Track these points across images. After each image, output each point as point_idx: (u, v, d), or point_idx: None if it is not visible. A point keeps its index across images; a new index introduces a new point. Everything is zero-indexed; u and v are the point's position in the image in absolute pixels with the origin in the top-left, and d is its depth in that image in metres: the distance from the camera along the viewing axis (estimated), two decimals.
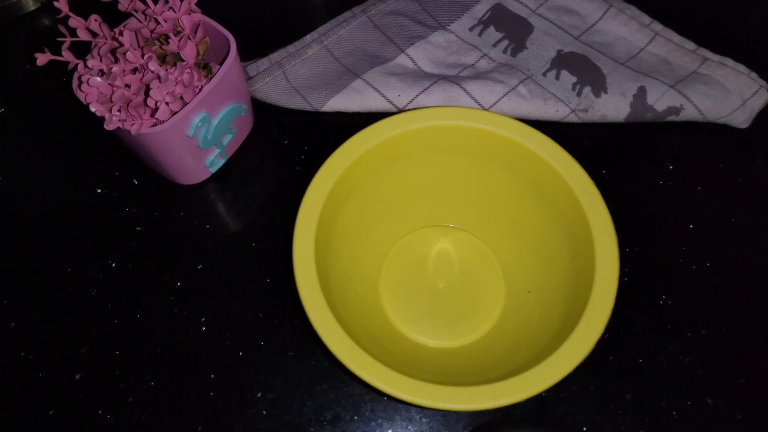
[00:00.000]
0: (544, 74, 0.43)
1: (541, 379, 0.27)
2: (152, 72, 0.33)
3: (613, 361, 0.35)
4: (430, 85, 0.41)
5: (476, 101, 0.41)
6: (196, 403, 0.34)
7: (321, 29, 0.45)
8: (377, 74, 0.42)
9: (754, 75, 0.42)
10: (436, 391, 0.27)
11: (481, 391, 0.27)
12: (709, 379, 0.35)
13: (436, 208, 0.38)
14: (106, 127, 0.32)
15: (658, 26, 0.45)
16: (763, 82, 0.42)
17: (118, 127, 0.32)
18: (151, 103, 0.33)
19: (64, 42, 0.34)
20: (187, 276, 0.37)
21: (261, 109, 0.42)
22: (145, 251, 0.38)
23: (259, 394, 0.34)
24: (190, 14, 0.35)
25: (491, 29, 0.46)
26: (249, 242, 0.39)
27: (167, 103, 0.33)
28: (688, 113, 0.41)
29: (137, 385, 0.34)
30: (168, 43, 0.34)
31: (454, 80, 0.42)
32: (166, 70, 0.33)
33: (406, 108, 0.41)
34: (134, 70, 0.34)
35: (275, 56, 0.44)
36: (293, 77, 0.43)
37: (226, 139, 0.39)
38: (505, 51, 0.45)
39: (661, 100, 0.41)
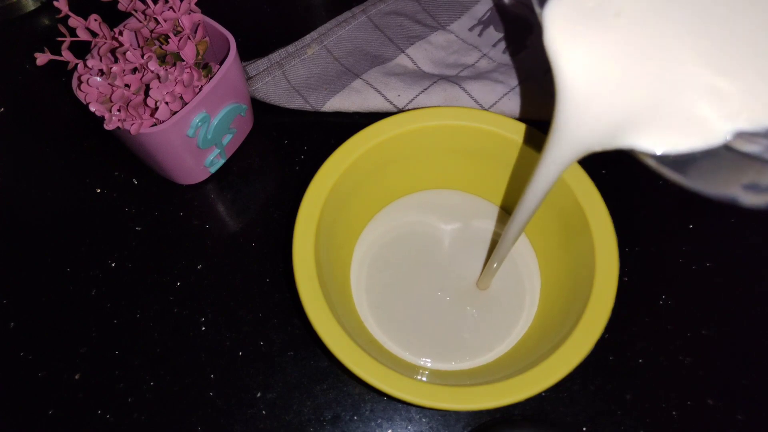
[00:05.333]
0: (545, 74, 0.43)
1: (541, 379, 0.27)
2: (152, 72, 0.33)
3: (613, 361, 0.35)
4: (430, 85, 0.41)
5: (476, 101, 0.41)
6: (196, 403, 0.34)
7: (321, 29, 0.45)
8: (377, 74, 0.42)
9: None
10: (436, 391, 0.27)
11: (481, 391, 0.27)
12: (710, 380, 0.35)
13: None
14: (105, 127, 0.32)
15: None
16: None
17: (118, 127, 0.32)
18: (150, 102, 0.33)
19: (63, 42, 0.34)
20: (187, 276, 0.37)
21: (261, 109, 0.42)
22: (144, 251, 0.38)
23: (258, 394, 0.34)
24: (190, 14, 0.35)
25: (491, 29, 0.46)
26: (249, 242, 0.39)
27: (167, 103, 0.33)
28: None
29: (137, 385, 0.34)
30: (168, 42, 0.34)
31: (454, 80, 0.42)
32: (166, 69, 0.33)
33: (406, 108, 0.41)
34: (134, 70, 0.34)
35: (275, 56, 0.44)
36: (293, 77, 0.43)
37: (226, 139, 0.39)
38: (504, 51, 0.45)
39: None
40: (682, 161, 0.22)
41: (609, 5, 0.22)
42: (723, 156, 0.21)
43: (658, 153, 0.22)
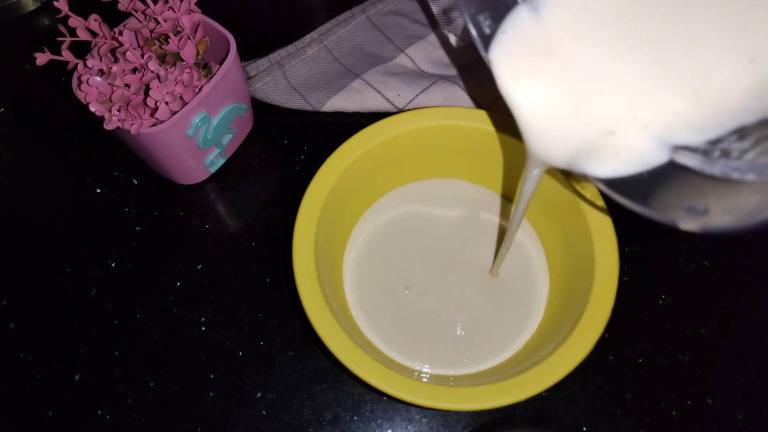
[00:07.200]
0: None
1: (541, 379, 0.27)
2: (152, 72, 0.33)
3: (613, 361, 0.35)
4: (430, 85, 0.41)
5: (476, 101, 0.41)
6: (196, 403, 0.34)
7: (321, 29, 0.45)
8: (377, 74, 0.42)
9: None
10: (436, 391, 0.27)
11: (481, 391, 0.27)
12: (709, 379, 0.35)
13: None
14: (105, 126, 0.32)
15: None
16: None
17: (118, 127, 0.32)
18: (150, 102, 0.33)
19: (63, 42, 0.34)
20: (187, 276, 0.37)
21: (261, 109, 0.42)
22: (144, 251, 0.38)
23: (258, 394, 0.34)
24: (190, 14, 0.35)
25: None
26: (249, 242, 0.39)
27: (167, 103, 0.33)
28: None
29: (137, 386, 0.34)
30: (168, 42, 0.34)
31: (454, 80, 0.42)
32: (166, 69, 0.33)
33: (406, 108, 0.41)
34: (134, 70, 0.34)
35: (275, 56, 0.44)
36: (293, 77, 0.43)
37: (226, 139, 0.39)
38: None
39: None
40: (631, 184, 0.24)
41: (543, 48, 0.25)
42: (668, 175, 0.23)
43: (602, 177, 0.24)
